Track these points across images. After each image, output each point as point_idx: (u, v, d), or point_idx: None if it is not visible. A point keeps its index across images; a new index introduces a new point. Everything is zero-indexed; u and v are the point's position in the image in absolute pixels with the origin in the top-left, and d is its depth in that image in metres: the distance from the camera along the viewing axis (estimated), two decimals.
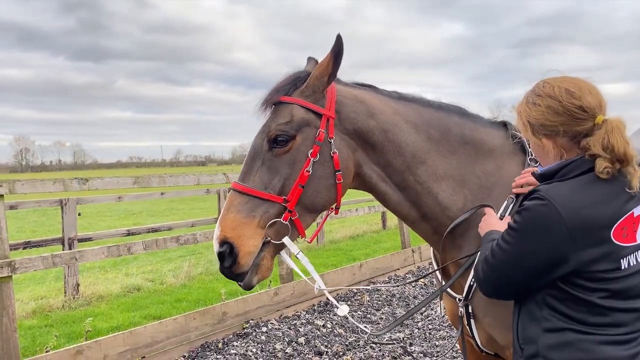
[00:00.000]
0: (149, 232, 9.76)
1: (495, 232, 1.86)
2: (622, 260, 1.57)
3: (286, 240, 2.06)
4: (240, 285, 2.07)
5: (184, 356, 5.04)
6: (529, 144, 1.85)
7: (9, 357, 3.89)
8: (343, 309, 2.14)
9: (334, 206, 2.22)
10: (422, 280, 8.01)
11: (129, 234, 9.40)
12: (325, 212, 2.28)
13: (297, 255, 2.09)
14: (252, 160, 2.11)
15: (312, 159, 2.06)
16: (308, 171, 2.05)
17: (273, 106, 2.14)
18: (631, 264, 1.58)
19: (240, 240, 1.99)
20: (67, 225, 8.07)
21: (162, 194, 10.38)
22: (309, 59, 2.36)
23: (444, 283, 2.30)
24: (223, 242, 2.00)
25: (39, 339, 5.81)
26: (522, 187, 2.03)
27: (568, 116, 1.61)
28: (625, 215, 1.58)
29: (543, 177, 1.71)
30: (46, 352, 4.52)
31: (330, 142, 2.09)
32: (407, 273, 8.44)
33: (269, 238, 2.04)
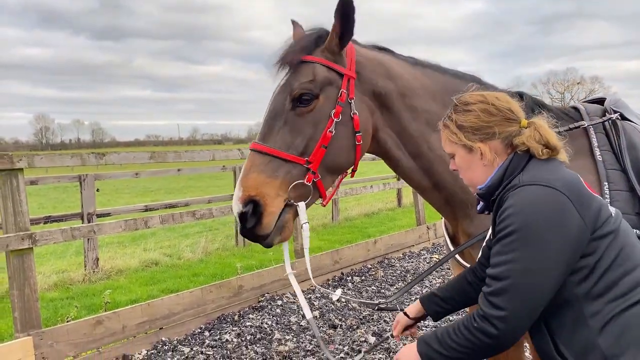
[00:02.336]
0: (167, 207, 9.86)
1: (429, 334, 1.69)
2: (608, 207, 1.62)
3: (301, 205, 2.02)
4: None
5: (200, 328, 5.14)
6: (452, 157, 1.77)
7: (31, 326, 4.01)
8: (337, 293, 2.13)
9: (350, 169, 2.21)
10: (436, 255, 8.02)
11: (147, 209, 9.51)
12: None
13: (304, 225, 2.07)
14: (272, 120, 2.04)
15: (335, 119, 2.03)
16: (331, 132, 2.02)
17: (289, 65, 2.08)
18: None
19: (265, 199, 1.94)
20: (85, 201, 8.21)
21: (178, 170, 10.45)
22: (293, 22, 2.34)
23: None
24: (247, 202, 1.94)
25: (61, 311, 5.97)
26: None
27: (501, 117, 1.68)
28: None
29: (491, 189, 1.68)
30: (67, 322, 4.65)
31: (351, 103, 2.07)
32: (422, 250, 8.46)
33: (291, 200, 2.00)
